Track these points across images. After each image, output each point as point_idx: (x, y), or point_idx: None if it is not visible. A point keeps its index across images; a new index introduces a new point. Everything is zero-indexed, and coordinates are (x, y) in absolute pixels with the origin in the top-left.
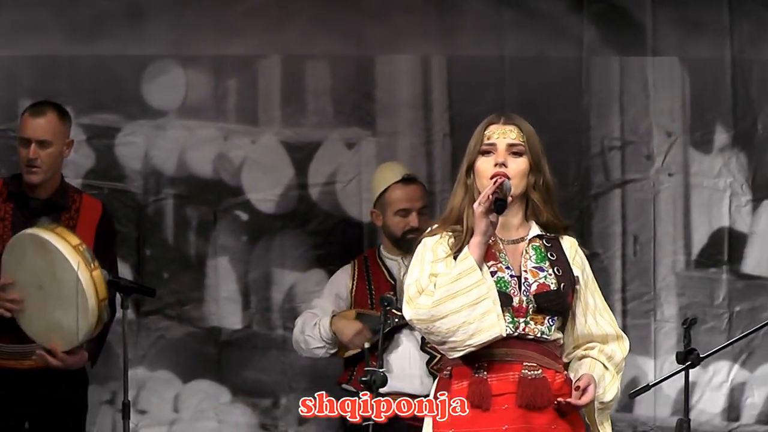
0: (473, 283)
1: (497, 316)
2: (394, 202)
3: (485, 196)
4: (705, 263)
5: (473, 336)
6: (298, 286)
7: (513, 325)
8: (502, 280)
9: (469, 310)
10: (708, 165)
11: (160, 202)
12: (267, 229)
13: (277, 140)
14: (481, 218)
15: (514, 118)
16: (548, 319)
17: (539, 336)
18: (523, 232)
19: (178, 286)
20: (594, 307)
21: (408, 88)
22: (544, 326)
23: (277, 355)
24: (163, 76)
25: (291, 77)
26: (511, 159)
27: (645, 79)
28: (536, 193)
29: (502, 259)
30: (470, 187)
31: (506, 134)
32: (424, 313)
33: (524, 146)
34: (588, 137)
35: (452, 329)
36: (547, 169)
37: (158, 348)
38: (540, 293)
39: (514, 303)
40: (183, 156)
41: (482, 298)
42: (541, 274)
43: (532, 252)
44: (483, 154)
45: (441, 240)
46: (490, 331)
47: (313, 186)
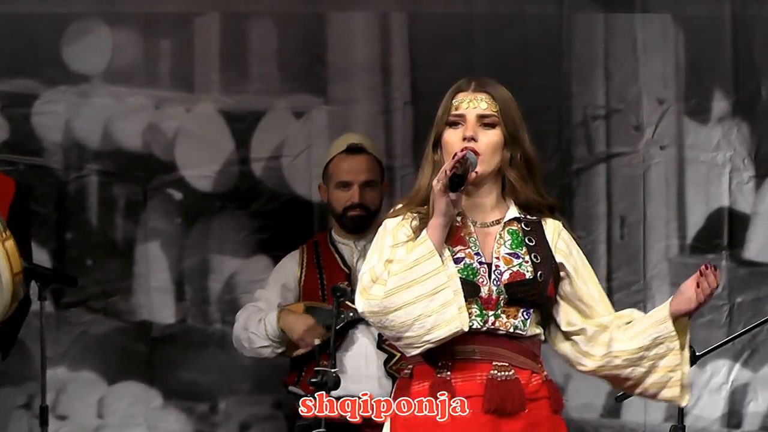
0: (431, 270)
1: (459, 308)
2: (335, 174)
3: (443, 171)
4: (702, 248)
5: (431, 331)
6: (240, 275)
7: (481, 318)
8: (469, 267)
9: (426, 302)
10: (705, 136)
11: (83, 180)
12: (204, 210)
13: (215, 109)
14: (440, 197)
15: (487, 83)
16: (522, 311)
17: (512, 331)
18: (499, 214)
19: (103, 274)
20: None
21: (364, 49)
22: (517, 320)
23: (216, 353)
24: (86, 37)
25: (231, 37)
26: (481, 131)
27: (633, 39)
28: (513, 170)
29: (471, 244)
30: (438, 163)
31: (476, 103)
32: (377, 304)
33: (497, 117)
34: (569, 106)
35: (407, 323)
36: (527, 141)
37: (81, 345)
38: (512, 282)
39: (483, 293)
40: (109, 127)
41: (441, 287)
42: (516, 261)
43: (508, 237)
44: (451, 125)
45: (404, 222)
46: (450, 325)
47: (257, 161)
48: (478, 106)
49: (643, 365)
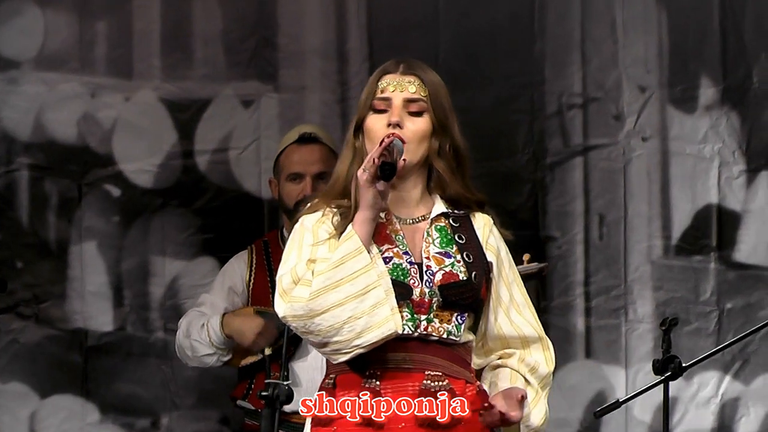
0: (360, 268)
1: (391, 308)
2: (286, 166)
3: (370, 159)
4: (688, 249)
5: (362, 334)
6: (183, 278)
7: (413, 323)
8: (399, 267)
9: (355, 302)
10: (691, 127)
11: (12, 174)
12: (144, 208)
13: (156, 97)
14: (367, 188)
15: (417, 66)
16: (457, 316)
17: (445, 337)
18: (425, 210)
19: (34, 278)
20: (509, 302)
21: (317, 31)
22: (451, 325)
23: (157, 364)
24: (16, 19)
25: (173, 19)
26: (408, 118)
27: (612, 19)
28: (441, 160)
29: (398, 243)
30: (359, 150)
31: (404, 86)
32: (301, 307)
33: (426, 102)
34: (542, 93)
35: (335, 326)
36: (456, 130)
37: (10, 355)
38: (446, 284)
39: (414, 296)
40: (40, 117)
41: (371, 286)
42: (448, 261)
43: (436, 234)
44: (375, 110)
45: (323, 218)
46: (382, 328)
47: (201, 153)
48: (406, 90)
49: None
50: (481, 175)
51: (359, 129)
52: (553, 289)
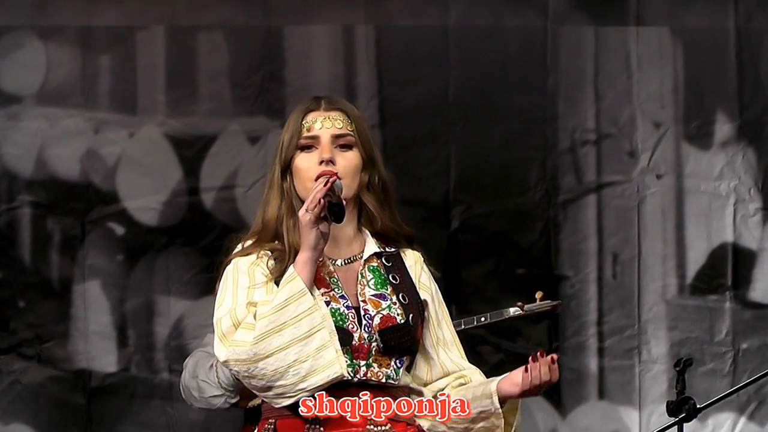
0: (304, 311)
1: (336, 351)
2: None
3: (314, 200)
4: (703, 288)
5: (307, 377)
6: (188, 318)
7: (352, 368)
8: (337, 312)
9: (300, 345)
10: (707, 164)
11: (14, 212)
12: (148, 246)
13: (160, 133)
14: (310, 229)
15: (338, 100)
16: (395, 360)
17: (384, 381)
18: (357, 249)
19: (36, 317)
20: (444, 341)
21: (326, 67)
22: (390, 369)
23: (162, 406)
24: (17, 52)
25: (178, 53)
26: (339, 153)
27: (627, 54)
28: (370, 194)
29: (334, 286)
30: (288, 191)
31: (330, 122)
32: (245, 351)
33: (353, 136)
34: (555, 129)
35: (280, 370)
36: (381, 163)
37: (12, 396)
38: (385, 329)
39: (354, 341)
40: (43, 153)
41: (316, 329)
42: (384, 304)
43: (370, 275)
44: (302, 149)
45: (258, 261)
46: (327, 371)
47: (207, 191)
48: (333, 126)
49: None
50: (493, 212)
51: (286, 171)
52: (566, 328)
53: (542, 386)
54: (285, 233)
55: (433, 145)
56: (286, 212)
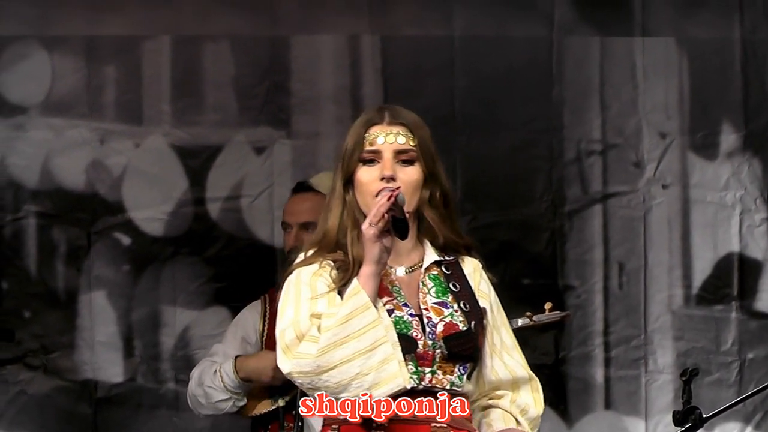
0: (368, 324)
1: (399, 362)
2: (282, 215)
3: (378, 214)
4: (709, 299)
5: (370, 390)
6: (194, 329)
7: (417, 376)
8: (401, 320)
9: (363, 358)
10: (712, 174)
11: (20, 222)
12: (154, 256)
13: (166, 143)
14: (373, 243)
15: (400, 113)
16: (459, 366)
17: (449, 388)
18: (417, 258)
19: (42, 328)
20: (501, 346)
21: (332, 77)
22: (454, 376)
23: (169, 416)
24: (22, 63)
25: (183, 63)
26: (400, 169)
27: (632, 64)
28: (432, 209)
29: (396, 294)
30: (350, 203)
31: (393, 138)
32: (308, 363)
33: (416, 152)
34: (561, 139)
35: (343, 383)
36: (443, 175)
37: (18, 406)
38: (449, 336)
39: (419, 349)
40: (48, 164)
41: (379, 342)
42: (446, 312)
43: (431, 283)
44: (364, 162)
45: (320, 271)
46: (391, 384)
47: (213, 201)
48: (395, 141)
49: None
50: (499, 222)
51: (348, 182)
52: (571, 339)
53: None
54: (348, 245)
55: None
56: (350, 224)
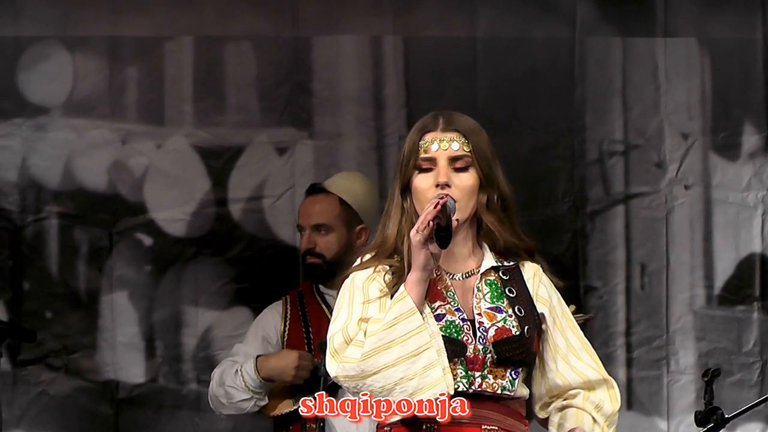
0: (413, 329)
1: (443, 369)
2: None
3: (424, 222)
4: (731, 299)
5: (413, 395)
6: (216, 329)
7: (467, 380)
8: (452, 324)
9: (407, 363)
10: (735, 174)
11: (42, 223)
12: (176, 257)
13: (188, 144)
14: (420, 249)
15: (455, 119)
16: (510, 371)
17: (500, 393)
18: (474, 264)
19: (64, 328)
20: (566, 349)
21: (354, 78)
22: (505, 380)
23: (190, 417)
24: (44, 63)
25: (205, 64)
26: (455, 175)
27: (654, 65)
28: (489, 213)
29: (450, 299)
30: (408, 211)
31: (447, 144)
32: (353, 367)
33: (471, 157)
34: (582, 140)
35: (387, 387)
36: (502, 179)
37: (39, 407)
38: (500, 340)
39: (469, 353)
40: (70, 164)
41: (424, 347)
42: (499, 317)
43: (487, 289)
44: (420, 170)
45: (374, 275)
46: (434, 389)
47: (235, 202)
48: (450, 148)
49: None
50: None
51: (406, 189)
52: (594, 339)
53: None
54: (404, 251)
55: None
56: (407, 230)
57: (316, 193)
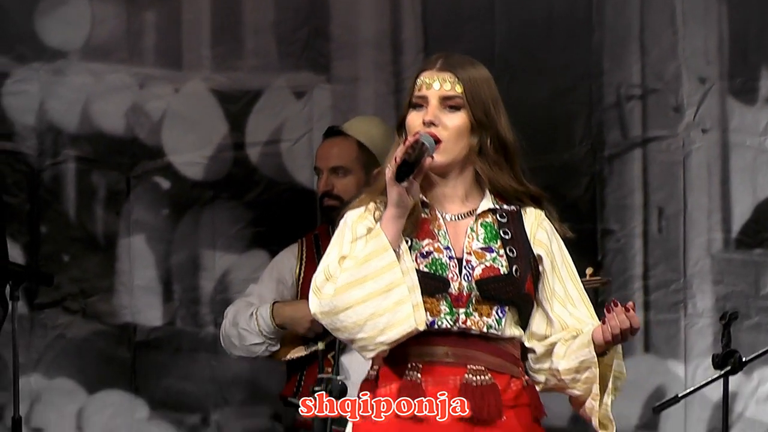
0: (385, 265)
1: (414, 305)
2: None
3: (393, 158)
4: (748, 243)
5: (384, 331)
6: (234, 272)
7: (451, 317)
8: (438, 262)
9: (379, 299)
10: (752, 119)
11: (59, 167)
12: (194, 201)
13: (206, 88)
14: (392, 186)
15: (455, 62)
16: (497, 310)
17: (486, 331)
18: (472, 205)
19: (81, 272)
20: (564, 297)
21: (372, 22)
22: (491, 319)
23: (207, 359)
24: (62, 8)
25: (223, 8)
26: (444, 115)
27: (672, 9)
28: (481, 157)
29: (441, 238)
30: None
31: (439, 84)
32: (327, 303)
33: (462, 99)
34: (600, 84)
35: (359, 323)
36: (502, 124)
37: (57, 350)
38: (484, 278)
39: (452, 290)
40: (88, 108)
41: (395, 284)
42: (489, 256)
43: (481, 230)
44: (414, 107)
45: (365, 214)
46: (404, 325)
47: (252, 145)
48: (441, 87)
49: (578, 388)
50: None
51: (402, 126)
52: (611, 283)
53: (625, 334)
54: None
55: None
56: None
57: (333, 136)
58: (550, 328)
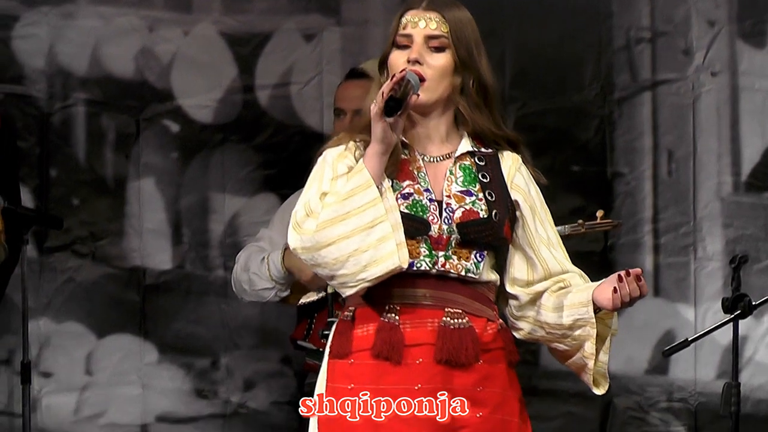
0: (368, 201)
1: (397, 243)
2: (334, 102)
3: (380, 93)
4: (757, 186)
5: (367, 268)
6: (243, 215)
7: (430, 259)
8: (418, 203)
9: (362, 235)
10: (761, 62)
11: (69, 110)
12: (203, 144)
13: (215, 31)
14: (377, 121)
15: (440, 1)
16: (476, 254)
17: (464, 275)
18: (450, 148)
19: (90, 215)
20: (547, 240)
21: None
22: (470, 263)
23: (217, 303)
24: None
25: None
26: (429, 54)
27: None
28: (463, 97)
29: (420, 180)
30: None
31: (425, 23)
32: (309, 239)
33: (447, 38)
34: (609, 27)
35: (341, 259)
36: (484, 67)
37: (66, 294)
38: (465, 222)
39: (432, 232)
40: (97, 51)
41: (378, 220)
42: (468, 199)
43: (460, 173)
44: (398, 46)
45: (346, 152)
46: (387, 262)
47: (262, 88)
48: (427, 26)
49: (567, 343)
50: (548, 110)
51: (383, 65)
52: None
53: (633, 301)
54: None
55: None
56: None
57: (357, 78)
58: (533, 273)
